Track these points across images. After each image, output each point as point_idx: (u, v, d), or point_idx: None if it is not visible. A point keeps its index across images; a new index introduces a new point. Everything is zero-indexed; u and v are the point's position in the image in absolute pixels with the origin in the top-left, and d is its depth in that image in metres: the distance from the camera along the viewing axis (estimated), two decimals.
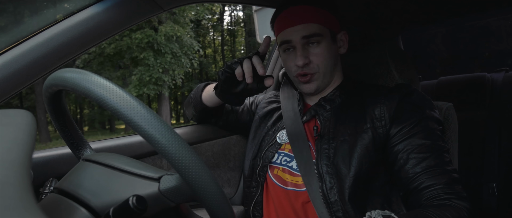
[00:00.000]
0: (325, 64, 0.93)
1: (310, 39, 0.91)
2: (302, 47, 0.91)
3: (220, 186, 0.48)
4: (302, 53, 0.91)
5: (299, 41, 0.91)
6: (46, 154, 0.87)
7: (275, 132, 1.03)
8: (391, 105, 0.87)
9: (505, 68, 1.89)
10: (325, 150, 0.88)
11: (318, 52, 0.92)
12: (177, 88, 16.92)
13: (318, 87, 0.95)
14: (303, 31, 0.90)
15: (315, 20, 0.91)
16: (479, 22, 2.26)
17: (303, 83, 0.95)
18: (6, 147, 0.29)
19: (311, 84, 0.94)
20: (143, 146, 1.04)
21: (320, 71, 0.93)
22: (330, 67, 0.95)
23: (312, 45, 0.92)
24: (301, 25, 0.90)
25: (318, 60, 0.92)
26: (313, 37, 0.90)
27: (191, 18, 14.34)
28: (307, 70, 0.92)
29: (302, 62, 0.90)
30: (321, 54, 0.92)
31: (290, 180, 0.94)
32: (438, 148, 0.82)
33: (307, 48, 0.92)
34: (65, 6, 7.27)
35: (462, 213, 0.74)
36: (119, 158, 0.58)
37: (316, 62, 0.92)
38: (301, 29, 0.90)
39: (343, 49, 0.99)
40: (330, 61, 0.94)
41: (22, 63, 0.70)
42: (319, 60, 0.92)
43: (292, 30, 0.91)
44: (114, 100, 0.43)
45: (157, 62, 12.29)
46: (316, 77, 0.94)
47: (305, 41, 0.91)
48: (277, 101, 1.12)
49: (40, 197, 0.60)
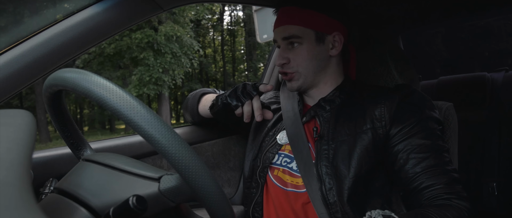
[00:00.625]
0: (304, 65, 0.94)
1: (290, 40, 0.93)
2: (285, 47, 0.95)
3: (220, 186, 0.48)
4: (282, 53, 0.95)
5: (281, 41, 0.95)
6: (46, 154, 0.87)
7: (275, 133, 1.03)
8: (391, 106, 0.87)
9: (505, 68, 1.89)
10: (325, 151, 0.88)
11: (297, 53, 0.93)
12: (177, 88, 16.92)
13: (299, 87, 0.97)
14: (283, 32, 0.94)
15: (294, 22, 0.92)
16: (479, 22, 2.26)
17: (286, 81, 0.98)
18: (6, 147, 0.29)
19: (292, 83, 0.97)
20: (143, 146, 1.04)
21: (300, 72, 0.94)
22: (312, 68, 0.94)
23: (294, 45, 0.94)
24: (282, 26, 0.94)
25: (297, 61, 0.94)
26: (291, 39, 0.93)
27: (191, 18, 14.34)
28: (286, 69, 0.95)
29: (279, 62, 0.94)
30: (299, 55, 0.93)
31: (290, 181, 0.94)
32: (438, 148, 0.82)
33: (288, 48, 0.95)
34: (65, 6, 7.27)
35: (462, 213, 0.74)
36: (119, 158, 0.58)
37: (294, 62, 0.94)
38: (282, 30, 0.94)
39: (335, 50, 0.95)
40: (312, 63, 0.93)
41: (22, 63, 0.70)
42: (297, 61, 0.94)
43: (276, 31, 0.96)
44: (114, 100, 0.43)
45: (157, 62, 12.29)
46: (296, 77, 0.95)
47: (287, 42, 0.94)
48: (277, 102, 1.12)
49: (40, 197, 0.60)
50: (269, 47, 15.47)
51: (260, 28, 1.81)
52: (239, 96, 0.91)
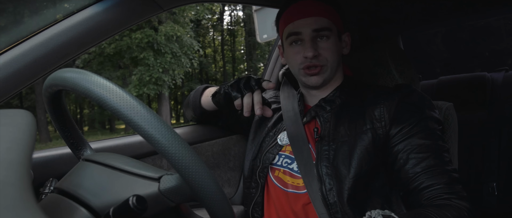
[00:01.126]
0: (332, 59, 0.93)
1: (320, 33, 0.91)
2: (312, 40, 0.91)
3: (220, 186, 0.48)
4: (312, 44, 0.91)
5: (309, 33, 0.91)
6: (46, 154, 0.87)
7: (276, 133, 1.03)
8: (390, 106, 0.87)
9: (505, 68, 1.89)
10: (325, 151, 0.88)
11: (327, 46, 0.92)
12: (177, 88, 16.92)
13: (324, 81, 0.95)
14: (315, 23, 0.90)
15: (325, 15, 0.92)
16: (479, 22, 2.26)
17: (310, 75, 0.94)
18: (6, 147, 0.29)
19: (318, 77, 0.93)
20: (143, 146, 1.04)
21: (328, 65, 0.93)
22: (336, 64, 0.95)
23: (321, 39, 0.92)
24: (313, 17, 0.91)
25: (327, 54, 0.92)
26: (323, 31, 0.91)
27: (191, 18, 14.34)
28: (316, 62, 0.92)
29: (312, 54, 0.90)
30: (329, 48, 0.92)
31: (291, 182, 0.94)
32: (438, 148, 0.82)
33: (316, 42, 0.92)
34: (65, 6, 7.27)
35: (462, 213, 0.74)
36: (119, 158, 0.58)
37: (325, 55, 0.92)
38: (313, 21, 0.91)
39: (346, 50, 1.00)
40: (337, 58, 0.95)
41: (22, 63, 0.70)
42: (328, 54, 0.92)
43: (303, 22, 0.91)
44: (114, 100, 0.43)
45: (157, 62, 12.29)
46: (324, 70, 0.93)
47: (315, 35, 0.91)
48: (277, 102, 1.12)
49: (40, 197, 0.60)
50: (269, 47, 15.46)
51: (260, 28, 1.81)
52: (241, 88, 0.90)
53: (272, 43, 1.52)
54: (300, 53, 0.93)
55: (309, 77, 0.94)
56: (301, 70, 0.95)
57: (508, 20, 2.20)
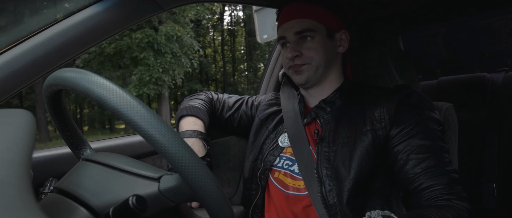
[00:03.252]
0: (317, 58, 0.94)
1: (303, 34, 0.93)
2: (295, 42, 0.94)
3: (220, 186, 0.48)
4: (293, 46, 0.94)
5: (292, 36, 0.94)
6: (46, 154, 0.87)
7: (277, 135, 1.03)
8: (390, 107, 0.87)
9: (505, 68, 1.89)
10: (326, 153, 0.88)
11: (310, 46, 0.93)
12: (177, 88, 16.92)
13: (308, 79, 0.96)
14: (296, 26, 0.93)
15: (308, 16, 0.93)
16: (479, 22, 2.26)
17: (295, 73, 0.97)
18: (6, 147, 0.29)
19: (301, 75, 0.96)
20: (143, 146, 1.04)
21: (312, 64, 0.94)
22: (324, 62, 0.95)
23: (305, 40, 0.94)
24: (294, 20, 0.94)
25: (310, 54, 0.94)
26: (305, 32, 0.93)
27: (191, 18, 14.33)
28: (298, 61, 0.94)
29: (291, 55, 0.94)
30: (313, 48, 0.93)
31: (292, 184, 0.94)
32: (438, 149, 0.82)
33: (300, 43, 0.95)
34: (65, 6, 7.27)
35: (462, 213, 0.74)
36: (119, 158, 0.58)
37: (307, 55, 0.94)
38: (294, 24, 0.94)
39: (342, 48, 0.99)
40: (324, 56, 0.94)
41: (22, 63, 0.70)
42: (311, 54, 0.94)
43: (287, 26, 0.95)
44: (114, 100, 0.43)
45: (157, 62, 12.29)
46: (307, 69, 0.95)
47: (299, 37, 0.94)
48: (277, 103, 1.11)
49: (40, 197, 0.60)
50: (269, 47, 15.46)
51: (260, 28, 1.81)
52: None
53: (272, 43, 1.52)
54: (286, 55, 0.96)
55: (295, 75, 0.97)
56: (289, 70, 0.98)
57: (508, 20, 2.20)
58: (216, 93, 1.22)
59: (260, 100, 1.19)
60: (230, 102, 1.18)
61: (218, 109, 1.15)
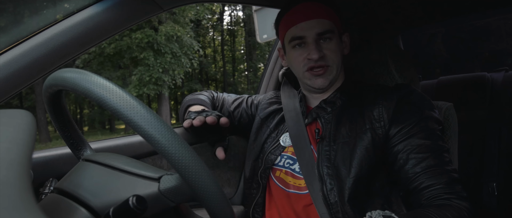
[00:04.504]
0: (336, 60, 0.93)
1: (323, 36, 0.91)
2: (315, 42, 0.91)
3: (220, 186, 0.48)
4: (316, 47, 0.90)
5: (313, 36, 0.90)
6: (46, 154, 0.87)
7: (278, 134, 1.03)
8: (389, 106, 0.87)
9: (505, 68, 1.89)
10: (326, 152, 0.88)
11: (331, 48, 0.92)
12: (177, 88, 16.91)
13: (330, 82, 0.94)
14: (318, 27, 0.90)
15: (328, 17, 0.92)
16: (479, 22, 2.26)
17: (317, 76, 0.93)
18: (6, 147, 0.29)
19: (324, 79, 0.93)
20: (143, 146, 1.04)
21: (333, 66, 0.93)
22: (340, 65, 0.95)
23: (324, 41, 0.92)
24: (316, 20, 0.90)
25: (332, 55, 0.92)
26: (326, 33, 0.91)
27: (191, 18, 14.33)
28: (322, 63, 0.91)
29: (317, 56, 0.89)
30: (333, 49, 0.92)
31: (293, 183, 0.94)
32: (437, 148, 0.82)
33: (319, 44, 0.92)
34: (65, 6, 7.27)
35: (462, 213, 0.74)
36: (119, 158, 0.58)
37: (329, 56, 0.92)
38: (316, 24, 0.90)
39: (346, 50, 1.00)
40: (340, 59, 0.95)
41: (22, 63, 0.70)
42: (332, 55, 0.92)
43: (306, 25, 0.91)
44: (114, 100, 0.43)
45: (157, 62, 12.29)
46: (330, 71, 0.93)
47: (318, 38, 0.91)
48: (278, 102, 1.11)
49: (40, 197, 0.60)
50: (269, 47, 15.46)
51: (260, 28, 1.81)
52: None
53: (272, 43, 1.52)
54: (303, 55, 0.92)
55: (314, 79, 0.93)
56: (305, 73, 0.94)
57: (508, 20, 2.20)
58: (216, 92, 1.22)
59: (260, 99, 1.19)
60: (230, 100, 1.19)
61: (218, 106, 1.17)
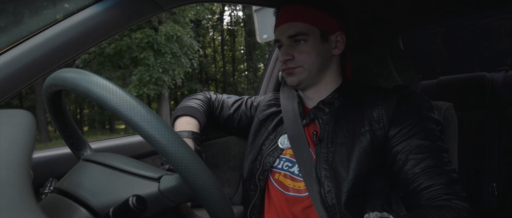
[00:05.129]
0: (309, 61, 0.94)
1: (296, 38, 0.93)
2: (289, 45, 0.95)
3: (220, 186, 0.48)
4: (286, 50, 0.95)
5: (285, 40, 0.95)
6: (46, 154, 0.87)
7: (276, 136, 1.02)
8: (389, 107, 0.87)
9: (505, 68, 1.89)
10: (324, 154, 0.88)
11: (302, 50, 0.93)
12: (177, 88, 16.91)
13: (300, 81, 0.96)
14: (289, 30, 0.94)
15: (301, 19, 0.92)
16: (479, 22, 2.27)
17: (287, 75, 0.97)
18: (6, 147, 0.29)
19: (293, 77, 0.96)
20: (143, 146, 1.04)
21: (305, 67, 0.94)
22: (317, 66, 0.95)
23: (298, 43, 0.94)
24: (287, 24, 0.94)
25: (303, 57, 0.94)
26: (298, 36, 0.93)
27: (191, 18, 14.33)
28: (290, 65, 0.95)
29: (283, 58, 0.94)
30: (306, 52, 0.93)
31: (292, 186, 0.94)
32: (437, 148, 0.82)
33: (293, 46, 0.95)
34: (65, 6, 7.27)
35: (462, 213, 0.74)
36: (119, 158, 0.58)
37: (299, 58, 0.94)
38: (287, 28, 0.94)
39: (338, 50, 0.97)
40: (317, 60, 0.94)
41: (22, 63, 0.70)
42: (303, 57, 0.94)
43: (280, 29, 0.96)
44: (114, 101, 0.43)
45: (157, 62, 12.28)
46: (299, 71, 0.95)
47: (292, 40, 0.94)
48: (277, 104, 1.11)
49: (40, 197, 0.60)
50: (269, 47, 15.45)
51: (260, 28, 1.81)
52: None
53: (272, 43, 1.52)
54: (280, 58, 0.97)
55: (287, 77, 0.98)
56: (283, 72, 0.99)
57: (508, 20, 2.20)
58: (214, 94, 1.21)
59: (259, 101, 1.19)
60: (229, 102, 1.18)
61: (216, 108, 1.14)
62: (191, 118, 1.00)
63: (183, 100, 1.11)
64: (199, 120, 1.01)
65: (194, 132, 0.96)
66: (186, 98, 1.12)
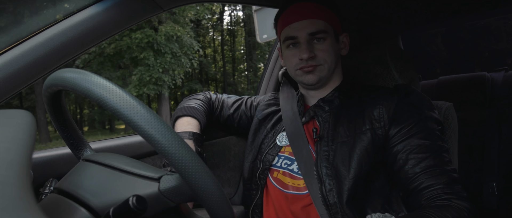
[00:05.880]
0: (329, 60, 0.93)
1: (316, 36, 0.92)
2: (307, 42, 0.92)
3: (220, 186, 0.48)
4: (307, 47, 0.91)
5: (305, 37, 0.92)
6: (46, 154, 0.87)
7: (275, 134, 1.03)
8: (390, 106, 0.87)
9: (504, 67, 1.89)
10: (325, 152, 0.88)
11: (323, 48, 0.92)
12: (177, 88, 16.91)
13: (319, 80, 0.95)
14: (310, 27, 0.91)
15: (322, 17, 0.92)
16: (479, 22, 2.27)
17: (306, 73, 0.94)
18: (6, 147, 0.29)
19: (313, 75, 0.94)
20: (143, 146, 1.04)
21: (325, 66, 0.93)
22: (333, 64, 0.95)
23: (317, 41, 0.93)
24: (308, 20, 0.91)
25: (323, 55, 0.92)
26: (319, 34, 0.91)
27: (191, 18, 14.32)
28: (312, 62, 0.92)
29: (307, 56, 0.91)
30: (326, 50, 0.92)
31: (291, 184, 0.94)
32: (437, 148, 0.82)
33: (312, 44, 0.93)
34: (65, 6, 7.27)
35: (462, 213, 0.74)
36: (119, 158, 0.58)
37: (321, 56, 0.92)
38: (308, 24, 0.91)
39: (345, 51, 1.00)
40: (334, 58, 0.95)
41: (22, 63, 0.70)
42: (324, 55, 0.92)
43: (299, 25, 0.92)
44: (114, 101, 0.43)
45: (157, 62, 12.28)
46: (320, 69, 0.94)
47: (311, 38, 0.92)
48: (276, 104, 1.11)
49: (40, 197, 0.60)
50: (269, 47, 15.46)
51: (260, 28, 1.81)
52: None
53: (272, 43, 1.52)
54: (296, 56, 0.93)
55: (305, 75, 0.95)
56: (297, 71, 0.95)
57: (508, 20, 2.20)
58: (214, 94, 1.21)
59: (259, 100, 1.19)
60: (229, 102, 1.18)
61: (216, 108, 1.14)
62: (192, 118, 1.00)
63: (183, 101, 1.11)
64: (199, 120, 1.00)
65: (195, 132, 0.96)
66: (186, 99, 1.12)
